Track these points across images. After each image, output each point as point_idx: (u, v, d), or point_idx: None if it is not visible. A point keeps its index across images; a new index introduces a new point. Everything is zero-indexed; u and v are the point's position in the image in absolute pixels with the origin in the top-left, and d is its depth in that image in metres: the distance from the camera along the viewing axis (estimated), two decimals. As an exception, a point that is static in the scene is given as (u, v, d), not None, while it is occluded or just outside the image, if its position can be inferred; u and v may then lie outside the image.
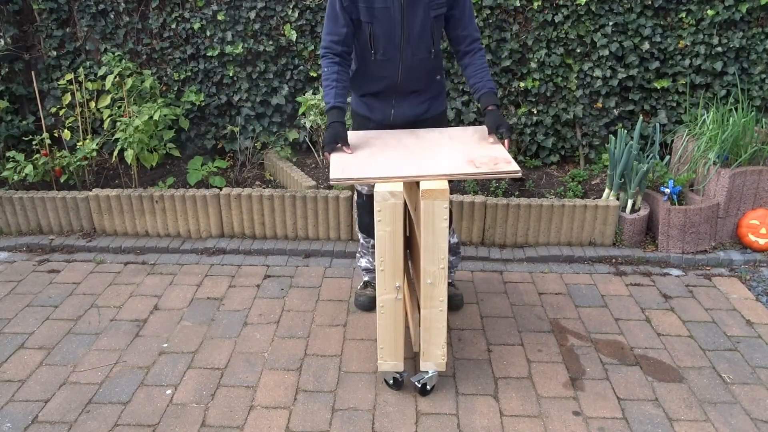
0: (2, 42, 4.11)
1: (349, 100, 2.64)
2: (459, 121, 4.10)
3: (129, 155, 3.64)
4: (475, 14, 3.83)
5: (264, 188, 3.60)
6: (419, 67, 2.45)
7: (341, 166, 2.17)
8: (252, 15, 4.00)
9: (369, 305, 2.90)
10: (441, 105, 2.64)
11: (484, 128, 2.49)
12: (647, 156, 3.64)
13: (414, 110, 2.56)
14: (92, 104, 4.06)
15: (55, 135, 4.29)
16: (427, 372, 2.33)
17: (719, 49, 3.79)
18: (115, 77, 3.85)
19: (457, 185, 3.82)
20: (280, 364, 2.56)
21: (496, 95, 2.46)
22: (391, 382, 2.40)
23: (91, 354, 2.63)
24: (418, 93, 2.54)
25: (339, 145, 2.33)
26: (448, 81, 4.03)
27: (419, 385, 2.36)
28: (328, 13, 2.37)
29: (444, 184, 2.05)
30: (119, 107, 3.96)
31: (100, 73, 3.96)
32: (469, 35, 2.46)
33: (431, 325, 2.23)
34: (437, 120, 2.64)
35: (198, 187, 3.77)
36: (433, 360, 2.29)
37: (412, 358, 2.58)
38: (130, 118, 3.73)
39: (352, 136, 2.49)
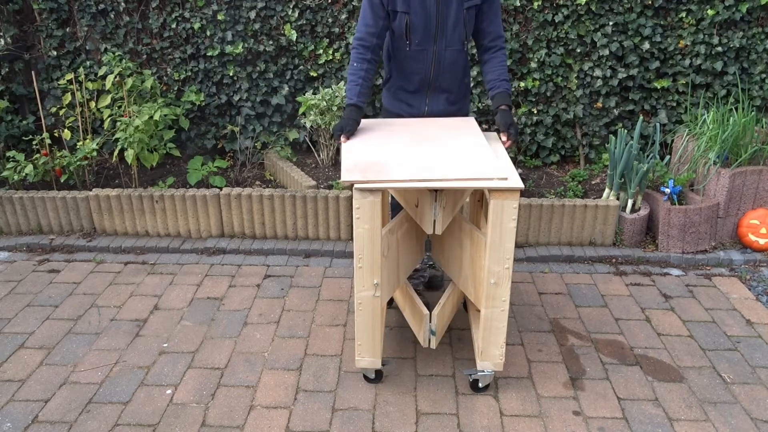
0: (2, 42, 4.11)
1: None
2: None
3: (129, 155, 3.64)
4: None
5: (264, 188, 3.60)
6: (451, 62, 2.53)
7: (354, 163, 2.16)
8: (252, 15, 4.00)
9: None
10: (467, 106, 2.75)
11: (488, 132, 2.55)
12: (647, 156, 3.64)
13: (447, 108, 2.65)
14: (92, 104, 4.06)
15: (56, 135, 4.29)
16: (482, 370, 2.34)
17: (719, 48, 3.79)
18: (116, 77, 3.85)
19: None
20: (280, 364, 2.56)
21: (509, 97, 2.51)
22: (373, 376, 2.42)
23: (91, 354, 2.63)
24: (449, 93, 2.62)
25: (342, 135, 2.39)
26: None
27: (471, 380, 2.38)
28: (365, 6, 2.45)
29: (516, 184, 2.05)
30: (119, 107, 3.96)
31: (101, 72, 3.96)
32: (494, 31, 2.53)
33: (491, 324, 2.24)
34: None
35: (198, 187, 3.77)
36: (491, 360, 2.31)
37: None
38: (130, 117, 3.73)
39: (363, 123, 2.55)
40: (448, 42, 2.48)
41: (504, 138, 2.45)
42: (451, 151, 2.25)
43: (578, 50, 3.91)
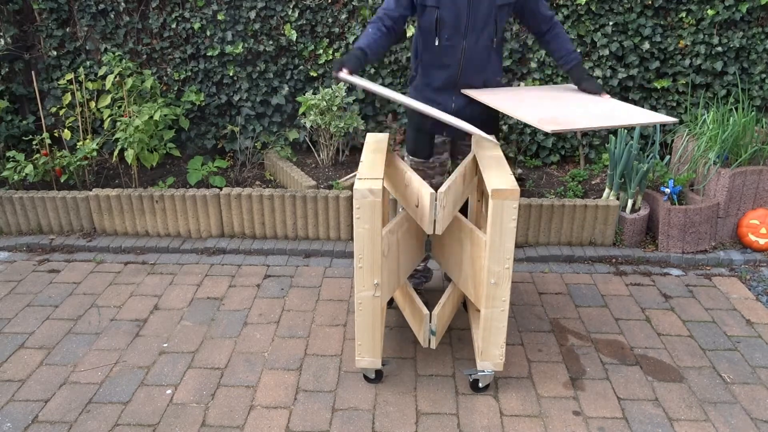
0: (2, 42, 4.11)
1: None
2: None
3: (129, 155, 3.64)
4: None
5: (264, 188, 3.60)
6: (480, 59, 2.46)
7: (538, 118, 2.13)
8: (252, 15, 4.00)
9: None
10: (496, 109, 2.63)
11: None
12: (647, 156, 3.64)
13: (473, 106, 2.52)
14: (92, 104, 4.06)
15: (56, 135, 4.29)
16: (482, 370, 2.34)
17: (719, 48, 3.79)
18: (116, 77, 3.86)
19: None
20: (280, 363, 2.56)
21: (583, 65, 2.58)
22: (373, 376, 2.42)
23: (91, 354, 2.63)
24: (476, 89, 2.53)
25: (343, 68, 2.31)
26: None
27: (471, 380, 2.38)
28: None
29: (515, 184, 2.07)
30: (119, 107, 3.96)
31: (101, 72, 3.96)
32: (545, 17, 2.53)
33: (491, 324, 2.24)
34: (489, 121, 2.61)
35: (198, 187, 3.77)
36: (491, 360, 2.31)
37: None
38: (130, 117, 3.73)
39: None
40: (479, 38, 2.41)
41: (606, 97, 2.51)
42: (607, 104, 2.33)
43: (578, 50, 3.91)
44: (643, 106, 4.01)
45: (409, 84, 2.66)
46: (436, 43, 2.44)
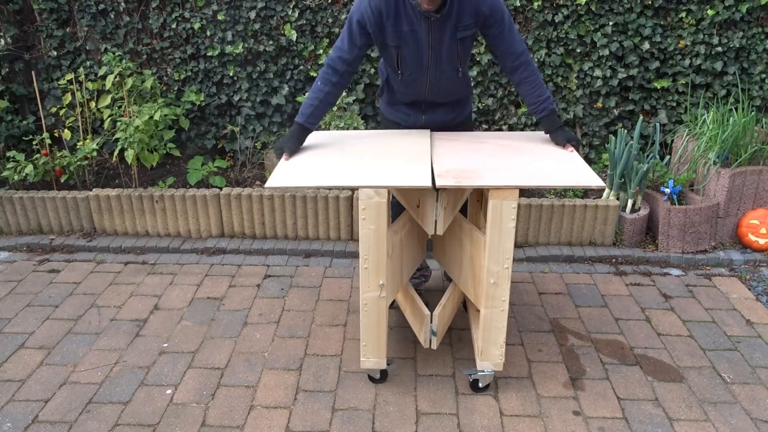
0: (2, 42, 4.11)
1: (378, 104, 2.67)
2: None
3: (129, 155, 3.64)
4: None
5: (264, 188, 3.60)
6: (447, 86, 2.45)
7: (446, 170, 2.14)
8: (252, 15, 4.00)
9: None
10: (467, 108, 2.66)
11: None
12: (647, 156, 3.64)
13: (444, 117, 2.57)
14: (92, 104, 4.06)
15: (56, 135, 4.29)
16: (482, 370, 2.34)
17: (719, 49, 3.79)
18: (116, 77, 3.85)
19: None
20: (280, 363, 2.56)
21: (556, 114, 2.40)
22: (378, 376, 2.42)
23: (91, 354, 2.63)
24: (445, 105, 2.55)
25: (283, 153, 2.39)
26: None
27: (471, 380, 2.39)
28: (345, 30, 2.32)
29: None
30: (119, 107, 3.96)
31: (101, 73, 3.96)
32: (514, 51, 2.35)
33: (491, 324, 2.24)
34: (464, 123, 2.66)
35: (198, 187, 3.77)
36: (491, 360, 2.31)
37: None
38: (130, 117, 3.73)
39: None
40: (442, 71, 2.38)
41: (570, 150, 2.36)
42: (540, 159, 2.24)
43: (578, 50, 3.91)
44: (643, 107, 4.01)
45: (378, 97, 2.68)
46: (399, 79, 2.43)
